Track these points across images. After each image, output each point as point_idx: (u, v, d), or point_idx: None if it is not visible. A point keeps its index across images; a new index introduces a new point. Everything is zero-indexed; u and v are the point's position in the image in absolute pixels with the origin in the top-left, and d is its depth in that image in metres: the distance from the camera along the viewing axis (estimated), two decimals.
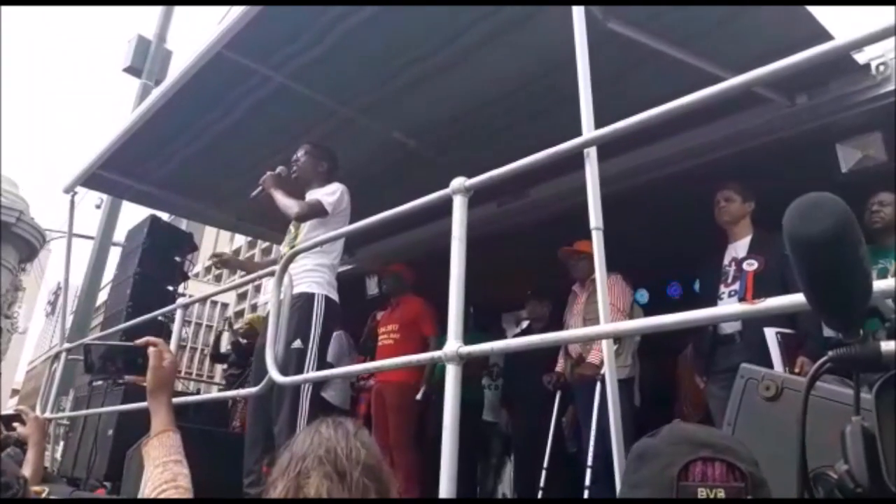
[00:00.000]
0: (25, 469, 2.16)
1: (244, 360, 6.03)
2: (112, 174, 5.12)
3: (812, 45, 1.59)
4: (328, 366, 4.49)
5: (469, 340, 2.00)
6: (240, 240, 34.71)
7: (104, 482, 4.94)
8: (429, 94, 3.95)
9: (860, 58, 3.28)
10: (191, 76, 3.77)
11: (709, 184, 3.68)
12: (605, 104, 2.20)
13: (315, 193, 3.78)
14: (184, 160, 4.80)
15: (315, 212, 3.69)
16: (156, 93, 4.31)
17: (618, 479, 2.00)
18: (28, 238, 9.87)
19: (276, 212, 3.82)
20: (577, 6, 2.41)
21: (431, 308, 4.90)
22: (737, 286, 3.36)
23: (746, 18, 3.06)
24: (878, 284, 0.83)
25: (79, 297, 9.22)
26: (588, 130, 2.11)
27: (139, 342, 1.78)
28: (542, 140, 2.10)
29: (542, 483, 4.29)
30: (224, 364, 8.26)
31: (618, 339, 4.01)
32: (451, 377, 1.92)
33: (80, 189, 5.38)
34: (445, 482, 1.81)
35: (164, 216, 6.82)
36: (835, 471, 0.81)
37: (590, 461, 3.85)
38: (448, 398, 1.90)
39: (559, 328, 4.41)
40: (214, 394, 5.55)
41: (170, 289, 6.08)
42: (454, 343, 1.94)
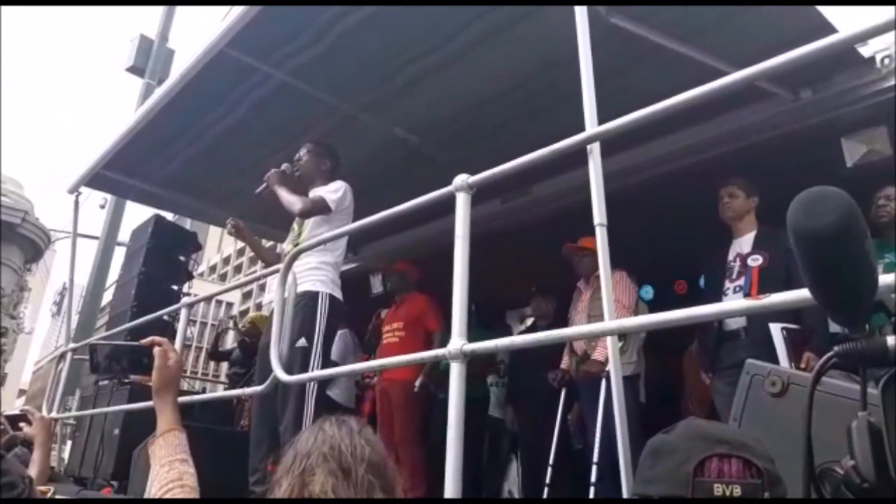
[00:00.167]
0: (32, 469, 2.17)
1: (249, 360, 6.03)
2: (115, 174, 5.13)
3: (816, 39, 1.58)
4: (333, 364, 4.49)
5: (473, 338, 1.99)
6: None
7: (111, 481, 4.94)
8: (430, 92, 3.94)
9: (865, 51, 3.26)
10: (193, 75, 3.77)
11: (713, 179, 3.66)
12: (608, 100, 2.19)
13: (318, 191, 3.78)
14: (187, 159, 4.81)
15: (319, 209, 3.69)
16: (158, 92, 4.32)
17: (623, 477, 1.99)
18: (33, 238, 9.90)
19: (280, 209, 3.82)
20: (580, 6, 2.40)
21: (436, 304, 4.90)
22: (742, 282, 3.35)
23: (750, 12, 3.05)
24: (885, 279, 0.82)
25: (84, 298, 9.24)
26: (591, 126, 2.10)
27: (144, 342, 1.78)
28: (545, 137, 2.09)
29: (548, 480, 4.28)
30: (221, 362, 8.25)
31: (623, 336, 4.00)
32: (456, 375, 1.91)
33: (85, 189, 5.40)
34: (450, 481, 1.80)
35: (169, 216, 6.84)
36: (841, 466, 0.80)
37: (595, 458, 3.82)
38: (452, 396, 1.89)
39: (564, 325, 4.38)
40: (220, 393, 5.55)
41: (174, 288, 6.10)
42: (458, 341, 1.94)
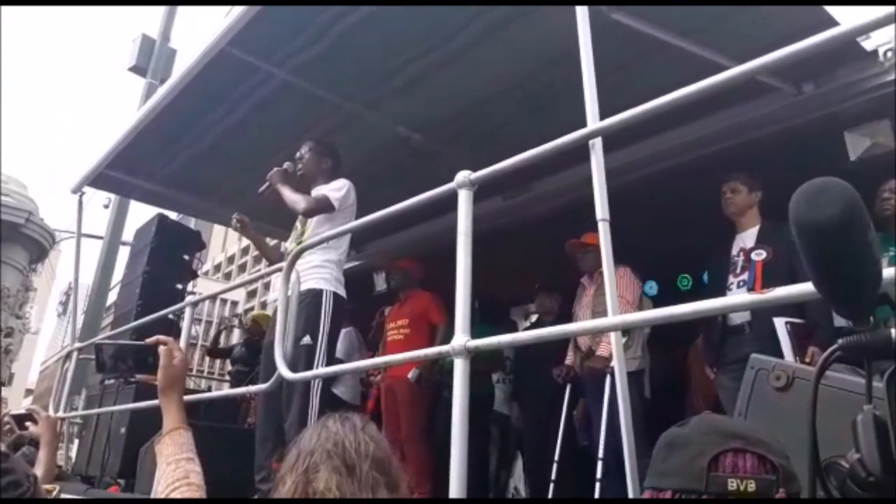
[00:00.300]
0: (38, 468, 2.17)
1: (254, 358, 6.04)
2: (118, 173, 5.14)
3: (818, 33, 1.57)
4: (338, 362, 4.49)
5: (477, 335, 1.99)
6: None
7: (118, 479, 4.97)
8: (432, 90, 3.93)
9: (867, 45, 3.25)
10: (195, 74, 3.77)
11: (716, 174, 3.65)
12: (610, 96, 2.18)
13: (321, 189, 3.78)
14: (189, 158, 4.81)
15: (322, 207, 3.68)
16: (161, 91, 4.32)
17: (628, 472, 1.99)
18: (37, 239, 9.93)
19: (283, 208, 3.82)
20: (581, 6, 2.38)
21: (439, 300, 4.89)
22: (745, 276, 3.34)
23: (752, 8, 3.03)
24: (889, 272, 0.81)
25: (89, 297, 9.26)
26: (593, 121, 2.10)
27: (149, 341, 1.78)
28: (548, 134, 2.08)
29: (554, 476, 4.28)
30: (219, 358, 8.22)
31: (627, 332, 3.99)
32: (459, 371, 1.91)
33: (88, 189, 5.40)
34: (455, 479, 1.79)
35: (172, 215, 6.84)
36: (847, 460, 0.80)
37: (601, 454, 3.83)
38: (456, 393, 1.88)
39: (569, 321, 4.37)
40: (225, 391, 5.56)
41: (179, 287, 6.11)
42: (461, 337, 1.93)
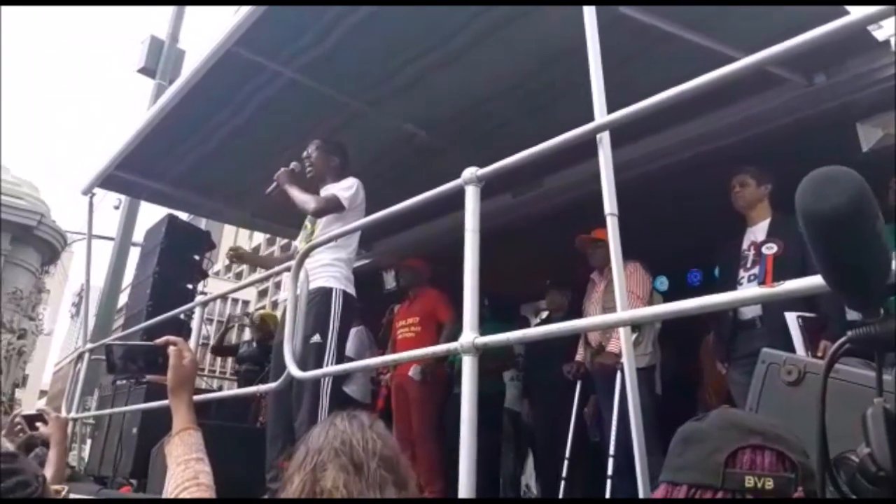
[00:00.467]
0: (48, 468, 2.18)
1: (264, 357, 6.05)
2: (128, 174, 5.17)
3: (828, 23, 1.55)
4: (348, 360, 4.49)
5: (487, 332, 1.98)
6: (258, 237, 34.77)
7: (130, 479, 4.99)
8: (439, 87, 3.93)
9: (879, 34, 3.21)
10: (202, 74, 3.78)
11: (728, 168, 3.62)
12: (617, 91, 2.16)
13: (330, 188, 3.78)
14: (198, 158, 4.83)
15: (332, 207, 3.68)
16: (169, 92, 4.33)
17: (638, 469, 1.98)
18: (49, 241, 10.00)
19: (292, 208, 3.82)
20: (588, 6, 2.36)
21: (447, 297, 4.88)
22: (756, 270, 3.31)
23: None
24: None
25: (101, 298, 9.30)
26: (600, 115, 2.08)
27: (159, 341, 1.79)
28: (557, 130, 2.06)
29: (564, 473, 4.27)
30: (224, 356, 8.20)
31: (638, 327, 3.97)
32: (468, 369, 1.90)
33: (99, 191, 5.43)
34: (465, 478, 1.78)
35: (183, 216, 6.87)
36: (857, 454, 0.78)
37: (612, 450, 3.81)
38: (465, 390, 1.88)
39: (579, 318, 4.37)
40: (236, 390, 5.58)
41: (189, 287, 6.12)
42: (470, 334, 1.92)
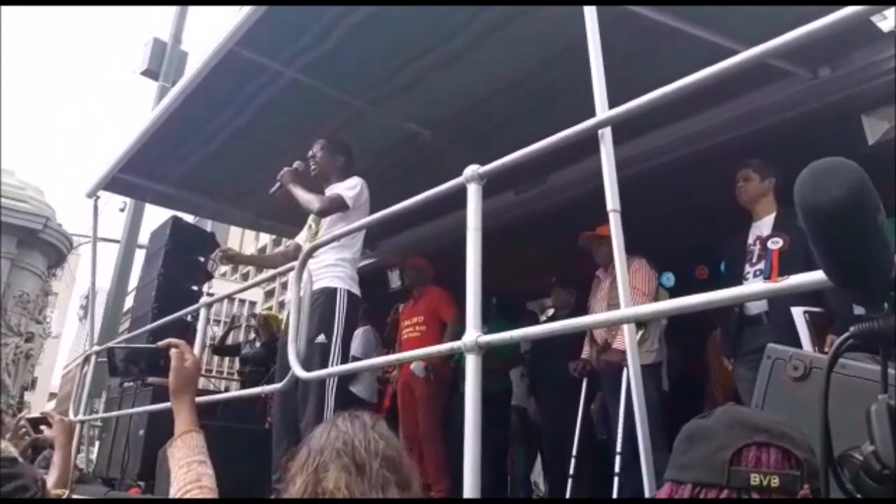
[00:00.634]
0: (52, 471, 2.18)
1: (269, 358, 6.05)
2: (132, 177, 5.16)
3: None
4: (355, 360, 4.48)
5: (494, 330, 1.97)
6: (265, 238, 34.82)
7: (138, 481, 5.00)
8: (441, 86, 3.92)
9: (884, 25, 3.18)
10: (203, 75, 3.78)
11: (733, 162, 3.60)
12: (620, 88, 2.13)
13: (335, 188, 3.77)
14: (201, 159, 4.82)
15: (336, 206, 3.68)
16: (171, 93, 4.33)
17: (644, 467, 1.96)
18: (55, 244, 10.04)
19: (296, 208, 3.82)
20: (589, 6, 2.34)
21: (451, 295, 4.87)
22: (762, 265, 3.28)
23: None
24: None
25: (108, 301, 9.33)
26: (602, 111, 2.06)
27: (160, 344, 1.78)
28: (559, 129, 2.04)
29: (572, 471, 4.26)
30: (225, 356, 8.14)
31: (644, 324, 3.95)
32: (472, 368, 1.88)
33: (104, 193, 5.43)
34: (469, 477, 1.76)
35: (189, 218, 6.87)
36: (861, 452, 0.77)
37: (618, 448, 3.80)
38: (469, 390, 1.85)
39: (585, 315, 4.34)
40: (241, 391, 5.58)
41: (194, 289, 6.14)
42: (473, 333, 1.90)
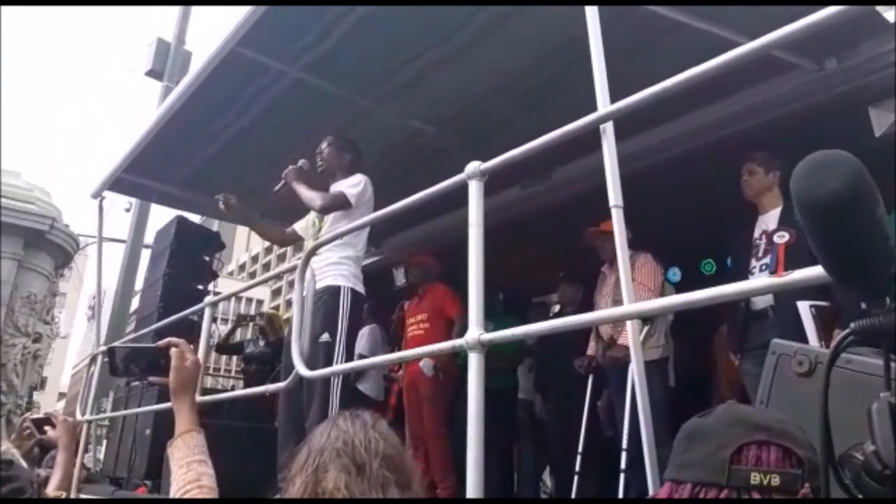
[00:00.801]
0: (55, 472, 2.18)
1: (275, 357, 6.05)
2: (137, 177, 5.18)
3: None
4: (361, 358, 4.48)
5: (501, 327, 1.95)
6: None
7: (144, 480, 5.02)
8: (444, 83, 3.92)
9: (890, 16, 3.15)
10: (206, 75, 3.79)
11: (739, 155, 3.58)
12: (622, 83, 2.11)
13: (338, 185, 3.77)
14: (205, 159, 4.83)
15: (339, 204, 3.67)
16: (174, 93, 4.33)
17: (647, 464, 1.94)
18: (62, 245, 10.05)
19: (300, 206, 3.82)
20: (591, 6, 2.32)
21: (455, 292, 4.86)
22: (768, 259, 3.26)
23: None
24: None
25: (114, 301, 9.36)
26: (603, 105, 2.04)
27: (161, 343, 1.78)
28: (561, 125, 2.02)
29: (578, 468, 4.25)
30: (227, 354, 8.12)
31: (650, 319, 3.93)
32: (474, 365, 1.86)
33: (110, 194, 5.44)
34: (472, 476, 1.75)
35: (196, 218, 6.87)
36: (862, 452, 0.75)
37: (624, 444, 3.78)
38: (472, 388, 1.84)
39: (591, 311, 4.33)
40: (247, 390, 5.59)
41: (200, 288, 6.14)
42: (475, 330, 1.88)
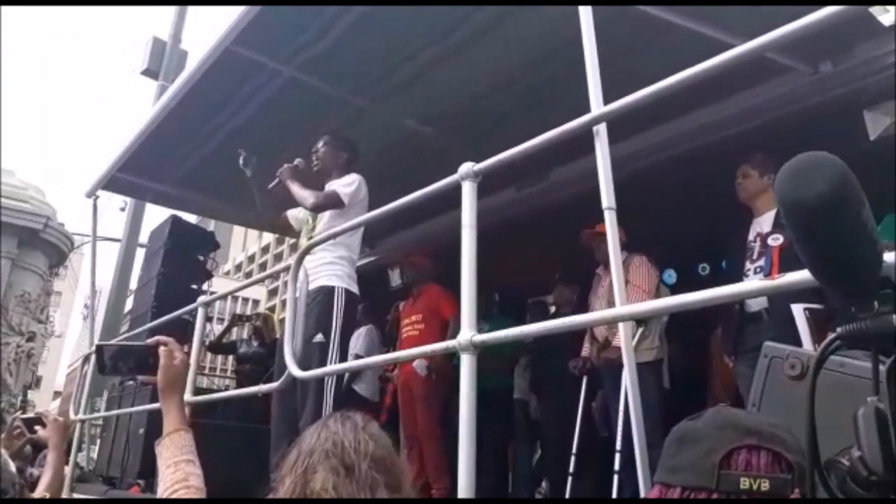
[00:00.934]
0: (45, 472, 2.17)
1: (269, 358, 6.04)
2: (131, 176, 5.17)
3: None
4: (357, 359, 4.47)
5: (497, 328, 1.95)
6: (267, 237, 34.94)
7: (137, 480, 5.00)
8: (441, 83, 3.93)
9: (885, 19, 3.16)
10: (201, 74, 3.78)
11: (735, 158, 3.59)
12: (617, 84, 2.10)
13: (332, 185, 3.76)
14: (200, 158, 4.82)
15: (331, 202, 3.66)
16: (169, 92, 4.32)
17: (639, 465, 1.94)
18: (56, 243, 10.06)
19: (295, 205, 3.82)
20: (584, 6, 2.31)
21: (450, 292, 4.85)
22: (762, 262, 3.27)
23: None
24: (890, 256, 0.76)
25: (109, 300, 9.33)
26: (596, 107, 2.04)
27: (150, 342, 1.77)
28: (558, 125, 2.01)
29: (572, 469, 4.25)
30: (220, 354, 8.08)
31: (644, 321, 3.93)
32: (466, 367, 1.86)
33: (105, 193, 5.42)
34: (463, 478, 1.75)
35: (192, 217, 6.86)
36: (849, 457, 0.75)
37: (618, 446, 3.78)
38: (463, 390, 1.83)
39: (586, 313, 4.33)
40: (240, 390, 5.57)
41: (194, 287, 6.12)
42: (467, 332, 1.88)
